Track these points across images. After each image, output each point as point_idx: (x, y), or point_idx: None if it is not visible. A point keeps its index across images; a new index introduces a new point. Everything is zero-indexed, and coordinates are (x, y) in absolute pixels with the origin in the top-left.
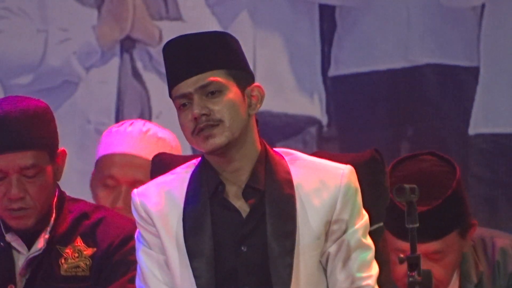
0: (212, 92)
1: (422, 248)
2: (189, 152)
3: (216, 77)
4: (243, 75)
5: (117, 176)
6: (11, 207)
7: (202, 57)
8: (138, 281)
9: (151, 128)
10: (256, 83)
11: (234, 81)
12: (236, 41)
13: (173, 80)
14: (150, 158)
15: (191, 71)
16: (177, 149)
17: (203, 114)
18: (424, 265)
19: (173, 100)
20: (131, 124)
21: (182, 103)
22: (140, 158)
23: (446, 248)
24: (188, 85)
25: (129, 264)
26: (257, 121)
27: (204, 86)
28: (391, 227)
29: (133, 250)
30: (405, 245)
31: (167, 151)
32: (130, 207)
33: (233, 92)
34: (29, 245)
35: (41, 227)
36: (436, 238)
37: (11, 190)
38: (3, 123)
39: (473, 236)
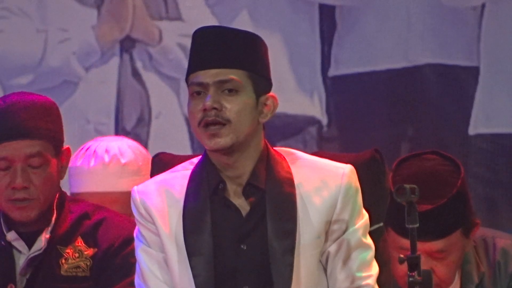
0: (229, 89)
1: (426, 246)
2: (189, 152)
3: (237, 76)
4: (262, 82)
5: None
6: (15, 197)
7: (230, 53)
8: (137, 280)
9: (114, 155)
10: (272, 93)
11: (252, 85)
12: (266, 48)
13: (194, 66)
14: (119, 188)
15: (215, 63)
16: (146, 163)
17: (214, 108)
18: (428, 264)
19: (188, 85)
20: (93, 154)
21: (196, 90)
22: (109, 193)
23: (450, 247)
24: (208, 76)
25: (130, 267)
26: (264, 127)
27: (223, 82)
28: (394, 225)
29: (134, 252)
30: (408, 243)
31: (134, 172)
32: None
33: (248, 96)
34: (30, 244)
35: (42, 227)
36: (441, 237)
37: (15, 180)
38: (11, 112)
39: (474, 236)
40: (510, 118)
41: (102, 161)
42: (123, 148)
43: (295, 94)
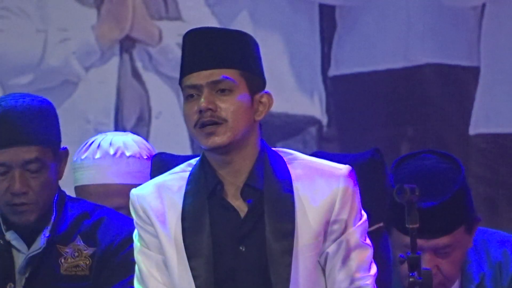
0: (223, 90)
1: (431, 243)
2: (189, 152)
3: (230, 75)
4: (256, 80)
5: None
6: (14, 202)
7: (221, 53)
8: (136, 282)
9: (119, 148)
10: (267, 91)
11: (246, 84)
12: (257, 46)
13: (186, 69)
14: (124, 181)
15: (207, 64)
16: (150, 157)
17: (209, 109)
18: (432, 261)
19: (182, 89)
20: (98, 146)
21: (190, 93)
22: (114, 185)
23: (455, 243)
24: (200, 77)
25: (130, 266)
26: (260, 125)
27: (216, 82)
28: (397, 223)
29: (133, 251)
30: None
31: (139, 165)
32: None
33: (242, 95)
34: (29, 243)
35: (42, 226)
36: (446, 233)
37: (14, 185)
38: (8, 118)
39: (475, 233)
40: (510, 118)
41: (107, 154)
42: (128, 141)
43: (295, 94)
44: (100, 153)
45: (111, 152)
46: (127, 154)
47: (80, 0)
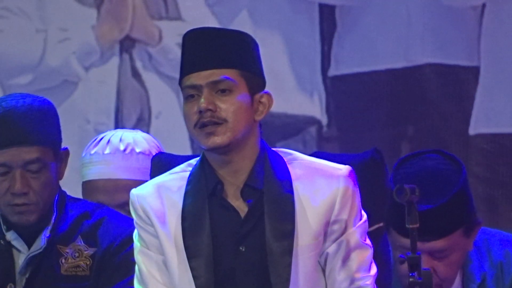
0: (223, 90)
1: (427, 246)
2: (189, 152)
3: (230, 76)
4: (256, 80)
5: (105, 202)
6: (15, 203)
7: (221, 53)
8: (136, 282)
9: (129, 144)
10: (267, 91)
11: (246, 84)
12: (257, 46)
13: (186, 69)
14: (133, 177)
15: (207, 64)
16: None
17: (209, 109)
18: (429, 263)
19: (182, 89)
20: (108, 142)
21: (190, 93)
22: (122, 180)
23: (452, 247)
24: (200, 78)
25: (130, 266)
26: (260, 125)
27: (216, 82)
28: (395, 224)
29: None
30: (410, 242)
31: (148, 163)
32: None
33: (242, 95)
34: (30, 244)
35: (42, 226)
36: (441, 237)
37: (15, 185)
38: (9, 118)
39: (476, 235)
40: (510, 118)
41: (117, 149)
42: (138, 138)
43: (295, 94)
44: (110, 149)
45: (121, 148)
46: (137, 150)
47: (80, 0)
